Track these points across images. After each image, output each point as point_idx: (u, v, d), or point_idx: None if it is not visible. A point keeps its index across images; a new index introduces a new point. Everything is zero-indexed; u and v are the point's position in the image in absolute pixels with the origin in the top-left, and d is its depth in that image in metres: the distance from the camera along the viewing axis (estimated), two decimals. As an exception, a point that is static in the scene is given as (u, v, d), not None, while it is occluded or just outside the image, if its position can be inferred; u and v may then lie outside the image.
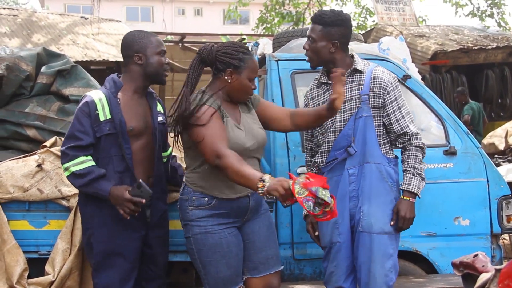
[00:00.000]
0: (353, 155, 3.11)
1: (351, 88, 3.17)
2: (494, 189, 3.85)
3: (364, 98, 3.14)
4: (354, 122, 3.12)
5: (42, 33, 11.43)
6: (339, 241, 3.13)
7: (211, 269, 2.94)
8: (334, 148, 3.15)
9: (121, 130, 3.02)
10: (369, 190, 3.10)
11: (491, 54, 12.45)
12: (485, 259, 2.50)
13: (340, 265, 3.13)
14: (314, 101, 3.31)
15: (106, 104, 3.04)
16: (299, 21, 16.22)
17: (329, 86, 3.19)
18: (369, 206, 3.08)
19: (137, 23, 30.64)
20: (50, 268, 3.33)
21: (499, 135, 8.19)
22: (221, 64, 2.96)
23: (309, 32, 3.20)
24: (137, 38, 3.16)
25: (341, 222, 3.11)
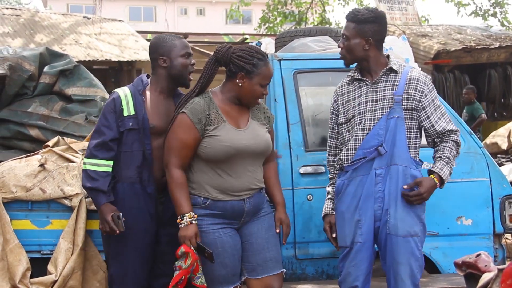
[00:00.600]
0: (382, 155, 3.06)
1: (384, 88, 3.12)
2: (497, 189, 3.84)
3: (398, 99, 3.09)
4: (386, 122, 3.08)
5: (45, 33, 11.45)
6: (360, 241, 3.07)
7: (206, 268, 2.94)
8: (363, 146, 3.08)
9: (143, 126, 3.13)
10: (396, 193, 3.04)
11: (494, 53, 12.42)
12: (488, 258, 2.50)
13: (358, 265, 3.08)
14: (344, 97, 3.24)
15: (131, 100, 3.16)
16: (301, 20, 16.21)
17: (362, 83, 3.16)
18: (396, 208, 3.03)
19: (140, 23, 30.65)
20: (52, 268, 3.34)
21: (501, 135, 8.18)
22: (235, 67, 2.99)
23: (343, 30, 3.17)
24: (162, 41, 3.23)
25: (364, 222, 3.06)
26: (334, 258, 3.75)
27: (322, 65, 3.92)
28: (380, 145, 3.04)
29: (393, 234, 3.02)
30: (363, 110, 3.11)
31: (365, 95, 3.13)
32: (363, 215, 3.05)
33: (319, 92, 4.35)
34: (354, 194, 3.07)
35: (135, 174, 3.14)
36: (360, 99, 3.14)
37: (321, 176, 3.72)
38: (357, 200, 3.07)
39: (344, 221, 3.09)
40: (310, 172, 3.72)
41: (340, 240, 3.16)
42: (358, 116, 3.12)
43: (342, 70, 3.91)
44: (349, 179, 3.10)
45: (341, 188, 3.14)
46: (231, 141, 2.95)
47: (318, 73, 3.99)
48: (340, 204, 3.14)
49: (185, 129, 2.94)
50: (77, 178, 3.46)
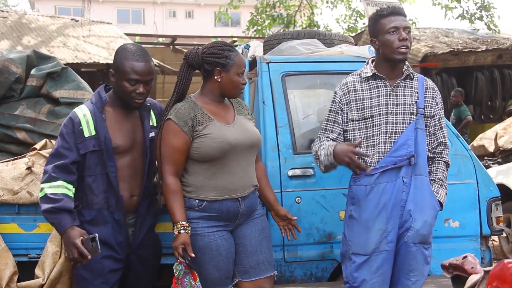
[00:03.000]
0: (411, 165, 3.08)
1: (404, 93, 3.12)
2: (484, 191, 3.86)
3: (421, 110, 3.12)
4: (414, 132, 3.09)
5: (32, 35, 11.40)
6: (387, 249, 3.06)
7: (200, 271, 2.95)
8: (392, 154, 3.06)
9: (106, 147, 2.97)
10: (422, 203, 3.08)
11: (480, 56, 12.54)
12: (474, 260, 2.51)
13: (385, 274, 3.07)
14: (358, 94, 3.14)
15: (91, 119, 2.99)
16: (290, 23, 16.25)
17: (380, 83, 3.11)
18: (422, 218, 3.07)
19: (128, 25, 30.59)
20: (40, 271, 3.31)
21: (489, 137, 8.24)
22: (209, 65, 3.01)
23: (405, 23, 3.08)
24: (117, 55, 3.03)
25: (391, 230, 3.06)
26: (322, 260, 3.77)
27: (311, 67, 3.94)
28: (412, 156, 3.06)
29: (414, 243, 3.07)
30: (383, 112, 3.09)
31: (385, 96, 3.10)
32: (391, 223, 3.05)
33: (308, 95, 4.37)
34: (377, 202, 3.05)
35: (102, 199, 2.99)
36: (380, 100, 3.10)
37: (309, 178, 3.73)
38: (381, 207, 3.04)
39: (368, 229, 3.05)
40: (299, 175, 3.73)
41: (358, 248, 3.08)
42: (378, 117, 3.09)
43: (330, 72, 3.95)
44: (372, 185, 3.06)
45: (362, 194, 3.07)
46: (224, 136, 2.96)
47: (307, 76, 4.01)
48: (361, 211, 3.08)
49: (173, 135, 2.94)
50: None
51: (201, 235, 2.95)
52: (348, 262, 3.12)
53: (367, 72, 3.15)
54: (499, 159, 7.59)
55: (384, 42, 3.07)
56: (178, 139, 2.94)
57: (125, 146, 3.03)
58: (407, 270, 3.08)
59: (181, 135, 2.94)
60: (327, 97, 4.12)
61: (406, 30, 3.07)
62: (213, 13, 29.05)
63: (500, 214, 3.90)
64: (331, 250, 3.76)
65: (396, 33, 3.05)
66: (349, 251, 3.12)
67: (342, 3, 17.22)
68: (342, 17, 17.69)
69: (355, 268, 3.08)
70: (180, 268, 2.90)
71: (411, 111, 3.11)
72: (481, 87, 12.80)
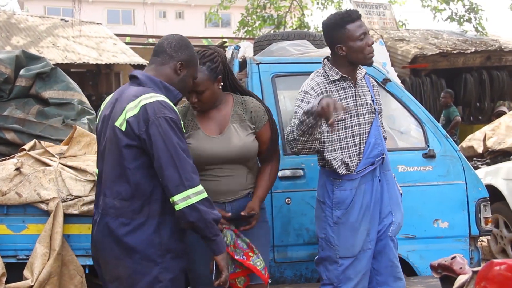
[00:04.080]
0: (382, 163, 3.16)
1: (363, 92, 3.17)
2: (473, 192, 3.89)
3: (377, 108, 3.19)
4: (378, 130, 3.17)
5: (22, 35, 11.34)
6: (370, 248, 3.12)
7: (192, 267, 2.93)
8: (368, 155, 3.11)
9: None
10: (397, 198, 3.19)
11: (469, 58, 12.62)
12: (463, 261, 2.53)
13: (368, 272, 3.14)
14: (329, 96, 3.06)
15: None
16: (280, 24, 16.27)
17: (345, 84, 3.12)
18: (399, 212, 3.18)
19: (118, 25, 30.47)
20: (28, 273, 3.29)
21: (477, 138, 8.27)
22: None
23: (367, 28, 3.11)
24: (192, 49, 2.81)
25: (371, 229, 3.11)
26: (312, 261, 3.77)
27: (301, 68, 3.94)
28: (383, 154, 3.14)
29: (393, 236, 3.16)
30: (354, 114, 3.11)
31: (352, 98, 3.13)
32: (372, 222, 3.10)
33: (298, 96, 4.38)
34: (361, 204, 3.09)
35: None
36: (348, 102, 3.12)
37: (299, 179, 3.74)
38: (364, 209, 3.09)
39: (355, 231, 3.08)
40: (289, 176, 3.73)
41: (346, 251, 3.10)
42: (349, 119, 3.10)
43: (320, 74, 3.95)
44: (356, 188, 3.08)
45: (348, 199, 3.07)
46: (201, 148, 2.93)
47: (297, 77, 4.00)
48: (349, 215, 3.09)
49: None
50: (54, 182, 3.42)
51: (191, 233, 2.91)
52: (332, 266, 3.13)
53: (333, 75, 3.12)
54: (488, 160, 7.62)
55: (355, 48, 3.05)
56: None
57: None
58: (394, 263, 3.16)
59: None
60: (317, 98, 4.14)
61: (369, 34, 3.12)
62: (203, 13, 29.11)
63: (488, 215, 3.93)
64: (321, 250, 3.76)
65: (365, 38, 3.06)
66: (335, 256, 3.12)
67: (332, 4, 17.25)
68: (332, 18, 17.70)
69: (342, 271, 3.10)
70: (229, 233, 2.85)
71: (371, 110, 3.17)
72: (470, 89, 12.88)
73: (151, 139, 2.44)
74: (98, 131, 2.69)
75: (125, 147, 2.50)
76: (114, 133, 2.53)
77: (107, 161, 2.58)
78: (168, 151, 2.44)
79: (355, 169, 3.08)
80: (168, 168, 2.44)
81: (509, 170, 6.00)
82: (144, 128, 2.45)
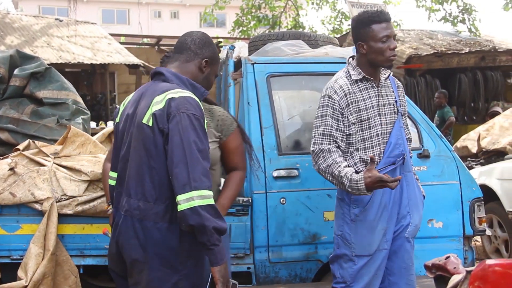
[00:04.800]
0: (403, 164, 3.16)
1: (386, 93, 3.19)
2: (467, 192, 3.90)
3: (400, 109, 3.21)
4: (400, 131, 3.17)
5: (16, 35, 11.30)
6: (385, 248, 3.12)
7: None
8: (389, 154, 3.12)
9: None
10: (416, 199, 3.20)
11: (464, 58, 12.66)
12: (457, 261, 2.53)
13: (382, 271, 3.14)
14: (352, 97, 3.09)
15: None
16: (275, 24, 16.29)
17: (368, 84, 3.12)
18: (418, 213, 3.19)
19: (113, 25, 30.42)
20: (22, 273, 3.29)
21: (472, 139, 8.30)
22: None
23: (394, 31, 3.14)
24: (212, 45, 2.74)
25: (388, 228, 3.11)
26: (307, 261, 3.78)
27: (295, 69, 3.95)
28: (404, 155, 3.14)
29: (411, 238, 3.17)
30: (376, 113, 3.12)
31: (375, 98, 3.13)
32: (390, 222, 3.10)
33: (292, 96, 4.38)
34: (380, 203, 3.09)
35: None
36: (372, 102, 3.12)
37: (294, 179, 3.74)
38: (382, 208, 3.09)
39: (372, 230, 3.07)
40: (283, 176, 3.74)
41: (362, 249, 3.09)
42: (372, 119, 3.11)
43: (315, 74, 3.96)
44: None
45: (367, 197, 3.04)
46: None
47: (291, 77, 4.02)
48: (367, 213, 3.08)
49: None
50: (48, 182, 3.41)
51: None
52: (347, 264, 3.12)
53: (355, 74, 3.13)
54: (482, 160, 7.65)
55: (376, 49, 3.06)
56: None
57: None
58: (410, 264, 3.17)
59: None
60: (312, 98, 4.13)
61: (395, 37, 3.12)
62: (198, 13, 29.06)
63: (482, 215, 3.94)
64: (315, 251, 3.77)
65: (388, 41, 3.06)
66: (351, 254, 3.11)
67: (327, 4, 17.29)
68: (327, 18, 17.77)
69: (357, 269, 3.10)
70: None
71: (394, 110, 3.18)
72: (464, 89, 12.92)
73: (169, 133, 2.36)
74: (120, 131, 2.58)
75: (151, 145, 2.41)
76: (140, 131, 2.44)
77: (131, 160, 2.48)
78: (183, 148, 2.34)
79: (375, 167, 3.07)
80: (178, 165, 2.33)
81: (503, 170, 6.02)
82: (167, 123, 2.38)
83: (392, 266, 3.16)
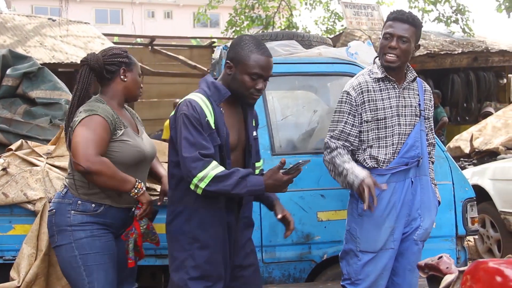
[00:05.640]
0: (418, 166, 3.16)
1: (409, 95, 3.19)
2: (459, 192, 3.91)
3: (423, 113, 3.21)
4: (419, 134, 3.18)
5: (8, 34, 11.25)
6: (392, 247, 3.13)
7: (100, 274, 2.84)
8: (403, 155, 3.12)
9: (226, 143, 2.75)
10: (429, 203, 3.20)
11: (456, 59, 12.70)
12: (449, 261, 2.54)
13: (388, 271, 3.15)
14: (370, 94, 3.12)
15: (212, 112, 2.72)
16: (268, 24, 16.29)
17: (389, 85, 3.14)
18: (430, 217, 3.20)
19: (106, 25, 30.37)
20: (15, 274, 3.27)
21: (464, 139, 8.34)
22: (113, 66, 2.97)
23: (402, 32, 3.05)
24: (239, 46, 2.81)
25: (396, 228, 3.12)
26: (300, 261, 3.78)
27: (289, 69, 3.95)
28: (421, 157, 3.15)
29: (419, 241, 3.18)
30: (395, 114, 3.13)
31: (395, 98, 3.14)
32: (398, 222, 3.10)
33: (286, 96, 4.38)
34: (388, 200, 3.09)
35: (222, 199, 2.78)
36: (391, 102, 3.13)
37: (287, 179, 3.73)
38: (391, 206, 3.10)
39: (378, 226, 3.08)
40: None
41: (367, 245, 3.11)
42: (390, 119, 3.12)
43: (308, 74, 3.97)
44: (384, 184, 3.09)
45: (376, 194, 3.03)
46: (139, 146, 2.95)
47: (285, 77, 4.01)
48: (374, 209, 3.07)
49: (102, 129, 2.80)
50: (41, 182, 3.40)
51: (99, 236, 2.86)
52: (353, 259, 3.15)
53: (378, 73, 3.15)
54: (475, 160, 7.69)
55: (379, 44, 3.13)
56: (106, 134, 2.82)
57: (235, 143, 2.85)
58: (409, 266, 3.17)
59: (109, 132, 2.83)
60: (305, 98, 4.14)
61: (401, 39, 3.05)
62: (192, 13, 29.04)
63: (475, 215, 3.95)
64: (309, 251, 3.77)
65: (388, 39, 3.07)
66: (356, 249, 3.14)
67: (321, 5, 17.31)
68: (320, 19, 17.78)
69: (362, 265, 3.12)
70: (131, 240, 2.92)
71: (416, 113, 3.19)
72: (457, 89, 12.97)
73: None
74: None
75: (169, 143, 2.80)
76: None
77: None
78: (180, 146, 2.65)
79: (386, 165, 3.10)
80: (180, 161, 2.66)
81: (495, 171, 6.05)
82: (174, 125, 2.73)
83: (397, 267, 3.18)
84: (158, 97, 13.22)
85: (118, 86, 3.00)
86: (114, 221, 2.93)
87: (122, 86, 3.00)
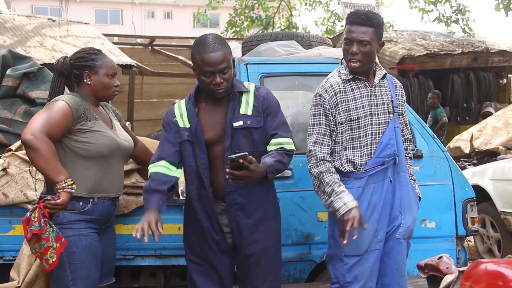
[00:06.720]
0: (395, 164, 3.13)
1: (381, 92, 3.16)
2: (459, 192, 3.91)
3: (396, 109, 3.17)
4: (394, 131, 3.14)
5: (8, 35, 11.24)
6: (377, 248, 3.10)
7: (83, 273, 2.90)
8: (379, 155, 3.09)
9: (197, 139, 2.97)
10: (409, 200, 3.16)
11: (456, 59, 12.71)
12: (449, 261, 2.55)
13: (375, 272, 3.12)
14: (342, 96, 3.09)
15: (185, 112, 3.02)
16: (268, 25, 16.30)
17: (360, 84, 3.11)
18: (411, 215, 3.16)
19: (106, 25, 30.37)
20: (15, 274, 3.28)
21: (464, 139, 8.35)
22: (78, 70, 3.09)
23: (361, 36, 3.01)
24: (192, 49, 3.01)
25: (381, 229, 3.10)
26: (301, 261, 3.78)
27: (289, 69, 3.95)
28: (397, 155, 3.11)
29: (403, 239, 3.15)
30: (367, 113, 3.09)
31: (367, 97, 3.11)
32: (381, 223, 3.08)
33: (286, 96, 4.38)
34: (369, 203, 3.06)
35: (194, 190, 3.02)
36: (363, 101, 3.10)
37: (287, 180, 3.73)
38: (372, 208, 3.07)
39: (361, 230, 3.02)
40: (277, 176, 3.72)
41: (350, 249, 3.07)
42: (363, 118, 3.09)
43: (308, 74, 3.97)
44: (363, 187, 3.07)
45: (355, 196, 3.02)
46: (111, 136, 3.04)
47: (285, 77, 4.02)
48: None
49: (62, 114, 2.88)
50: (41, 182, 3.40)
51: (85, 235, 2.92)
52: (338, 263, 3.12)
53: (346, 74, 3.13)
54: (475, 160, 7.69)
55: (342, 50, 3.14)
56: (67, 121, 2.89)
57: (214, 138, 2.98)
58: (402, 265, 3.15)
59: (70, 120, 2.90)
60: (305, 99, 4.14)
61: (362, 43, 3.02)
62: (192, 14, 29.05)
63: (475, 215, 3.95)
64: (309, 251, 3.77)
65: (350, 45, 3.05)
66: (340, 253, 3.10)
67: (321, 5, 17.31)
68: (320, 19, 17.79)
69: (348, 269, 3.09)
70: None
71: (389, 110, 3.15)
72: (457, 89, 12.97)
73: None
74: None
75: None
76: None
77: None
78: None
79: (362, 168, 3.07)
80: None
81: (495, 171, 6.05)
82: None
83: (384, 268, 3.16)
84: (158, 97, 13.21)
85: (86, 88, 3.10)
86: (100, 216, 3.00)
87: (89, 88, 3.10)
